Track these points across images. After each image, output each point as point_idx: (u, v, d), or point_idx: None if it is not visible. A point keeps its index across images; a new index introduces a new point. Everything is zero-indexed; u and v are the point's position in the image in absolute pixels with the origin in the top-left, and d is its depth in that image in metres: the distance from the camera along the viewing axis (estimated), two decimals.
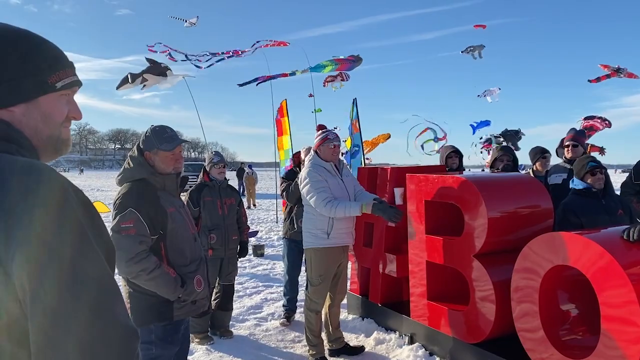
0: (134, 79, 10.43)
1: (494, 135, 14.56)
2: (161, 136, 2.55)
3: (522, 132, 14.18)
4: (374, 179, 4.89)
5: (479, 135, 17.38)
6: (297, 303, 5.20)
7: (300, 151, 5.39)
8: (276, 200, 14.43)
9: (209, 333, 4.58)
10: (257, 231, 11.35)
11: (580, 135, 4.93)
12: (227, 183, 4.80)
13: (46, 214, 0.81)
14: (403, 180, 4.27)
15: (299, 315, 5.10)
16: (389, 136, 14.65)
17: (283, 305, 5.21)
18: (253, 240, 9.56)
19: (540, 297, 2.97)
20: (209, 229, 4.49)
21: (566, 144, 4.81)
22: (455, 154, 5.38)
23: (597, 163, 3.78)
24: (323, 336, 4.21)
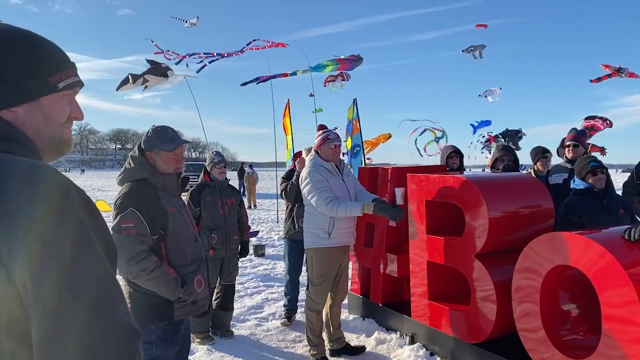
0: (135, 80, 10.43)
1: (498, 134, 14.56)
2: (162, 136, 2.56)
3: (523, 132, 14.18)
4: (375, 179, 4.88)
5: (480, 134, 17.40)
6: (298, 303, 5.20)
7: (301, 151, 5.39)
8: (277, 200, 14.43)
9: (210, 333, 4.58)
10: (258, 231, 11.35)
11: (581, 135, 4.92)
12: (228, 183, 4.80)
13: (47, 214, 0.81)
14: (404, 180, 4.26)
15: (300, 315, 5.11)
16: (390, 136, 14.66)
17: (284, 305, 5.21)
18: (254, 240, 9.56)
19: (541, 297, 2.97)
20: (210, 229, 4.49)
21: (567, 144, 4.81)
22: (455, 154, 5.38)
23: (599, 163, 3.77)
24: (324, 336, 4.21)
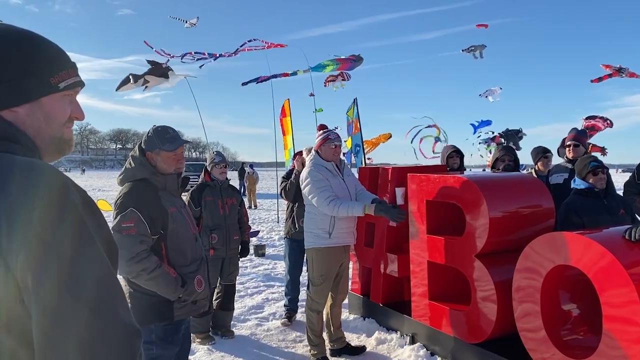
0: (136, 80, 10.43)
1: (498, 134, 14.55)
2: (163, 136, 2.56)
3: (523, 132, 14.17)
4: (375, 179, 4.88)
5: (478, 134, 17.39)
6: (299, 303, 5.20)
7: (302, 151, 5.39)
8: (277, 200, 14.43)
9: (211, 333, 4.59)
10: (259, 231, 11.35)
11: (581, 135, 4.92)
12: (229, 183, 4.81)
13: (48, 213, 0.81)
14: (404, 180, 4.26)
15: (301, 315, 5.10)
16: (390, 136, 14.67)
17: (284, 305, 5.21)
18: (254, 240, 9.56)
19: (541, 297, 2.97)
20: (211, 229, 4.49)
21: (567, 144, 4.80)
22: (456, 154, 5.37)
23: (599, 163, 3.77)
24: (324, 336, 4.20)
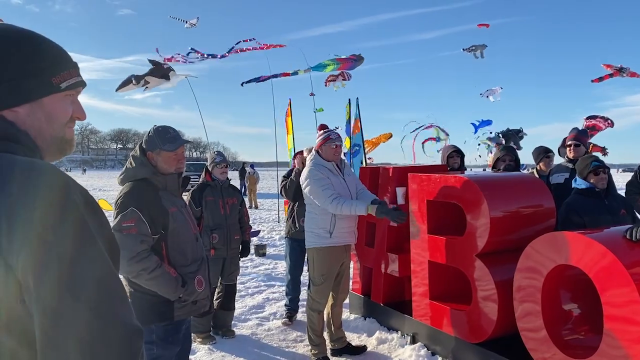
0: (138, 81, 10.41)
1: (499, 133, 14.52)
2: (164, 136, 2.56)
3: (524, 132, 14.14)
4: (376, 179, 4.88)
5: (480, 134, 17.39)
6: (299, 303, 5.20)
7: (302, 150, 5.39)
8: (278, 200, 14.42)
9: (211, 333, 4.59)
10: (259, 231, 11.36)
11: (582, 134, 4.92)
12: (229, 183, 4.81)
13: (49, 213, 0.81)
14: (405, 179, 4.26)
15: (301, 314, 5.10)
16: (391, 136, 14.65)
17: (285, 304, 5.21)
18: (255, 239, 9.57)
19: (542, 297, 2.96)
20: (211, 229, 4.49)
21: (568, 144, 4.80)
22: (456, 154, 5.37)
23: (601, 163, 3.77)
24: (325, 336, 4.20)
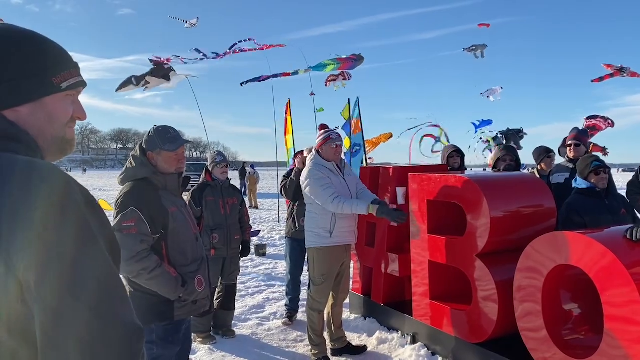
0: (139, 82, 10.39)
1: (499, 133, 14.52)
2: (164, 136, 2.56)
3: (524, 132, 14.13)
4: (376, 179, 4.88)
5: (480, 134, 17.37)
6: (300, 302, 5.20)
7: (302, 150, 5.39)
8: (278, 199, 14.43)
9: (212, 332, 4.59)
10: (259, 231, 11.36)
11: (582, 134, 4.92)
12: (230, 183, 4.81)
13: (50, 213, 0.81)
14: (405, 179, 4.26)
15: (302, 314, 5.10)
16: (391, 135, 14.64)
17: (285, 304, 5.21)
18: (255, 239, 9.56)
19: (543, 297, 2.96)
20: (212, 229, 4.49)
21: (569, 144, 4.80)
22: (457, 154, 5.37)
23: (602, 162, 3.77)
24: (325, 336, 4.20)
